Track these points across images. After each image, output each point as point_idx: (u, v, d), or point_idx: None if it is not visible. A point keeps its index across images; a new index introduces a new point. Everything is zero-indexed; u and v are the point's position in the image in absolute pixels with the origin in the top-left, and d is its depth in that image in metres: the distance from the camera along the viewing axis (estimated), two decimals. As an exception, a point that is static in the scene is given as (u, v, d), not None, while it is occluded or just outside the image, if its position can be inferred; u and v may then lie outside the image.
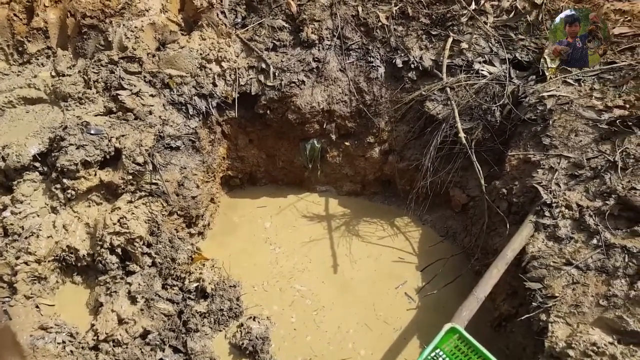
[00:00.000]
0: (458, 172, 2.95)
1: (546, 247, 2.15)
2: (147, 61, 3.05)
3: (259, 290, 2.84)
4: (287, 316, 2.69)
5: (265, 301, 2.78)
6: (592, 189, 2.23)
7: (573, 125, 2.46)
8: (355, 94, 3.06)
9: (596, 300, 1.89)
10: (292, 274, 2.94)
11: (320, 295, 2.80)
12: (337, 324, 2.64)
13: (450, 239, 3.14)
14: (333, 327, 2.62)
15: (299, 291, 2.83)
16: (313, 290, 2.84)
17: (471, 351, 1.70)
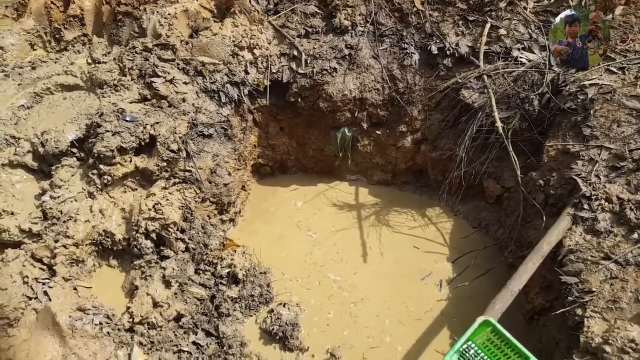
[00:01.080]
0: (493, 162, 2.88)
1: (584, 240, 2.10)
2: (180, 48, 3.08)
3: (289, 278, 2.86)
4: (316, 304, 2.71)
5: (295, 289, 2.81)
6: (634, 182, 2.15)
7: (615, 116, 2.37)
8: (388, 81, 3.02)
9: (635, 296, 1.84)
10: (324, 262, 2.95)
11: (351, 285, 2.81)
12: (368, 313, 2.64)
13: (482, 230, 3.09)
14: (364, 316, 2.63)
15: (332, 280, 2.84)
16: (345, 279, 2.84)
17: (504, 344, 1.68)
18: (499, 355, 1.74)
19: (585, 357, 1.77)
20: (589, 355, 1.77)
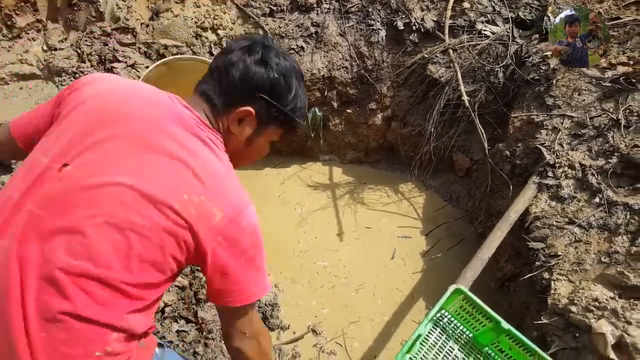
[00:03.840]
0: (461, 136, 2.93)
1: (549, 207, 2.17)
2: (140, 32, 2.98)
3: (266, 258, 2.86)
4: (295, 284, 2.72)
5: (273, 270, 2.81)
6: (595, 148, 2.22)
7: (576, 84, 2.43)
8: (356, 59, 3.01)
9: (598, 258, 1.91)
10: (299, 241, 2.96)
11: (329, 264, 2.82)
12: (346, 290, 2.67)
13: (454, 203, 3.16)
14: (343, 294, 2.66)
15: (310, 261, 2.85)
16: (322, 259, 2.86)
17: (475, 310, 1.73)
18: (471, 321, 1.79)
19: (552, 318, 1.83)
20: (557, 316, 1.83)
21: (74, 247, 0.86)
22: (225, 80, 1.08)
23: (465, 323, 1.84)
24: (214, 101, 1.08)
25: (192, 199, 0.93)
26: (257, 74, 1.07)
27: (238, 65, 1.07)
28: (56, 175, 0.91)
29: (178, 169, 0.95)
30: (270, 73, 1.08)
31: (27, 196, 0.91)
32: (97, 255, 0.87)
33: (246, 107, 1.09)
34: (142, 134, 0.96)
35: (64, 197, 0.90)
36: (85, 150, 0.93)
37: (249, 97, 1.09)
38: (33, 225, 0.88)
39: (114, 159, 0.93)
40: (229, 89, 1.08)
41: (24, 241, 0.87)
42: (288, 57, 1.14)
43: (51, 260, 0.85)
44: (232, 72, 1.07)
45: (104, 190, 0.90)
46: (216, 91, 1.09)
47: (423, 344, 1.78)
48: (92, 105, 1.01)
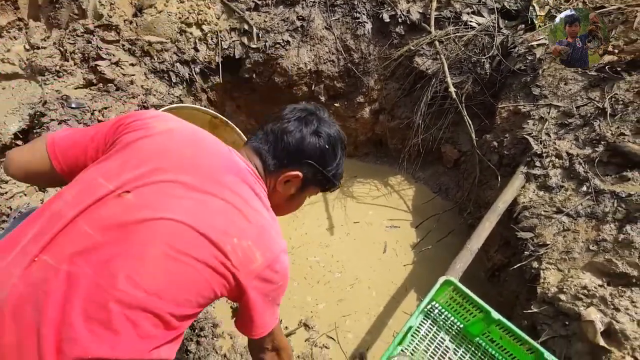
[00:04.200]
0: (449, 127, 2.93)
1: (537, 196, 2.18)
2: (124, 28, 2.94)
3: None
4: (290, 280, 2.71)
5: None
6: (581, 137, 2.23)
7: (562, 74, 2.44)
8: (342, 52, 2.99)
9: (586, 246, 1.92)
10: (290, 237, 2.95)
11: (321, 259, 2.82)
12: (339, 284, 2.67)
13: (443, 194, 3.17)
14: (335, 288, 2.65)
15: (302, 256, 2.84)
16: (313, 254, 2.85)
17: (466, 301, 1.73)
18: (461, 312, 1.80)
19: (542, 307, 1.85)
20: (546, 305, 1.85)
21: (131, 275, 0.89)
22: (280, 145, 1.19)
23: (456, 314, 1.84)
24: (267, 161, 1.20)
25: (241, 243, 1.01)
26: (310, 144, 1.20)
27: (294, 134, 1.19)
28: (116, 201, 0.95)
29: (231, 213, 1.03)
30: (322, 142, 1.21)
31: (83, 216, 0.93)
32: (152, 284, 0.90)
33: (296, 172, 1.21)
34: (202, 180, 1.03)
35: (122, 224, 0.92)
36: (149, 184, 0.99)
37: (299, 162, 1.21)
38: (88, 247, 0.90)
39: (174, 198, 0.98)
40: (283, 153, 1.19)
41: (76, 262, 0.88)
42: (335, 125, 1.29)
43: (105, 287, 0.87)
44: (287, 139, 1.19)
45: (163, 223, 0.94)
46: (270, 152, 1.20)
47: (414, 335, 1.78)
48: (160, 142, 1.07)
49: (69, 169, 1.12)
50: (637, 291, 1.70)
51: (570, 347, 1.69)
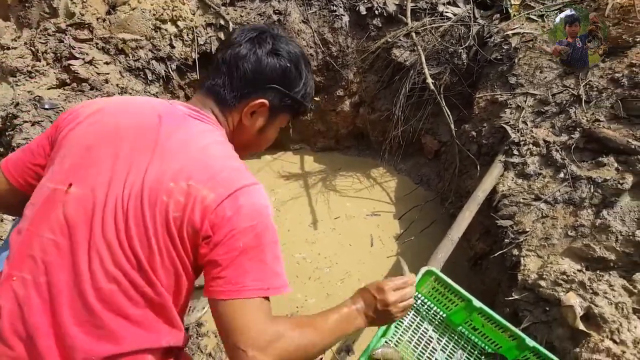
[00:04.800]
0: (429, 119, 2.94)
1: (516, 184, 2.20)
2: (97, 27, 2.88)
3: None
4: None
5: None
6: (558, 124, 2.26)
7: (538, 62, 2.46)
8: (320, 45, 2.98)
9: (565, 232, 1.94)
10: (278, 228, 2.93)
11: (306, 253, 2.80)
12: (328, 278, 2.66)
13: (424, 185, 3.19)
14: (323, 282, 2.65)
15: (287, 252, 2.83)
16: (298, 249, 2.83)
17: (447, 290, 1.74)
18: (443, 301, 1.81)
19: (523, 294, 1.86)
20: (527, 292, 1.86)
21: (96, 270, 0.86)
22: (236, 73, 1.06)
23: (438, 304, 1.85)
24: (224, 96, 1.08)
25: (179, 185, 0.90)
26: (269, 66, 1.07)
27: (249, 58, 1.06)
28: (64, 198, 0.91)
29: (167, 160, 0.93)
30: (282, 62, 1.08)
31: (39, 224, 0.91)
32: (120, 269, 0.87)
33: (260, 100, 1.08)
34: (137, 142, 0.96)
35: (75, 218, 0.89)
36: (87, 167, 0.93)
37: (262, 88, 1.08)
38: (54, 252, 0.88)
39: (115, 173, 0.92)
40: (241, 82, 1.07)
41: (49, 271, 0.87)
42: (295, 42, 1.14)
43: (80, 289, 0.86)
44: (243, 66, 1.06)
45: (108, 204, 0.89)
46: (226, 85, 1.07)
47: (398, 327, 1.79)
48: (91, 123, 1.01)
49: (24, 180, 1.07)
50: (614, 275, 1.73)
51: (551, 332, 1.71)
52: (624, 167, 1.95)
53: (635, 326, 1.52)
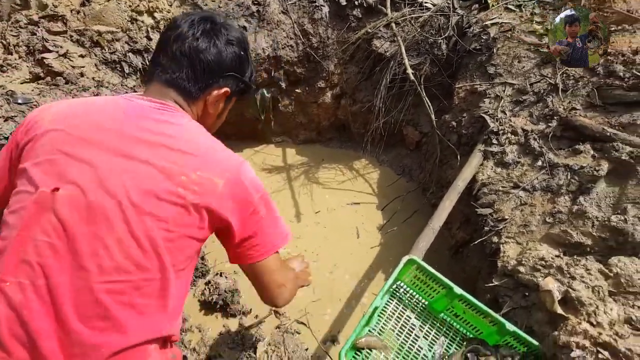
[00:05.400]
0: (409, 109, 2.95)
1: (495, 173, 2.22)
2: (71, 19, 2.81)
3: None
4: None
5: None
6: (535, 113, 2.29)
7: (516, 52, 2.49)
8: (300, 37, 2.96)
9: (543, 218, 1.98)
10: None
11: (288, 246, 2.78)
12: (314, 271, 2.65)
13: (407, 176, 3.20)
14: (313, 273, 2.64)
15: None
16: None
17: (429, 278, 1.76)
18: (425, 289, 1.82)
19: (503, 280, 1.89)
20: (506, 278, 1.89)
21: (104, 263, 0.89)
22: (199, 66, 1.09)
23: (420, 292, 1.87)
24: (189, 89, 1.10)
25: (190, 177, 0.96)
26: (228, 55, 1.12)
27: (211, 50, 1.09)
28: (52, 200, 0.91)
29: (164, 156, 0.97)
30: (237, 50, 1.14)
31: (28, 228, 0.91)
32: (126, 261, 0.90)
33: (224, 89, 1.14)
34: (119, 141, 0.98)
35: (70, 219, 0.90)
36: (67, 169, 0.94)
37: (222, 77, 1.13)
38: (51, 255, 0.89)
39: (102, 172, 0.94)
40: (205, 74, 1.10)
41: (48, 273, 0.88)
42: (235, 24, 1.22)
43: (86, 283, 0.88)
44: (206, 58, 1.09)
45: (107, 201, 0.92)
46: (189, 78, 1.09)
47: (381, 315, 1.80)
48: (58, 130, 1.00)
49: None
50: (591, 259, 1.76)
51: (530, 316, 1.74)
52: (600, 154, 1.99)
53: (611, 308, 1.55)
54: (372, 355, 1.67)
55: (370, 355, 1.66)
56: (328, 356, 2.19)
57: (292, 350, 2.23)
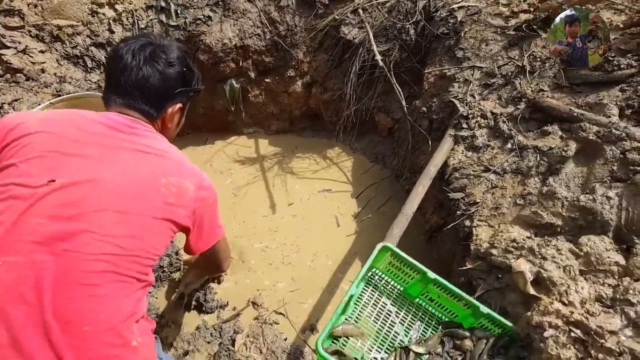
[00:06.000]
0: (380, 96, 2.94)
1: (466, 157, 2.24)
2: (28, 13, 2.70)
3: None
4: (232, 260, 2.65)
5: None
6: (504, 96, 2.30)
7: (483, 35, 2.49)
8: (267, 25, 2.90)
9: (514, 200, 2.00)
10: (235, 217, 2.88)
11: (265, 238, 2.77)
12: (283, 261, 2.65)
13: (380, 163, 3.20)
14: (281, 264, 2.63)
15: (243, 236, 2.78)
16: (257, 233, 2.80)
17: (403, 265, 1.77)
18: (400, 275, 1.84)
19: (476, 263, 1.91)
20: (480, 260, 1.91)
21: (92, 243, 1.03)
22: (148, 92, 1.26)
23: (396, 278, 1.88)
24: (147, 111, 1.29)
25: (169, 180, 1.17)
26: (171, 77, 1.29)
27: (154, 76, 1.25)
28: (48, 190, 1.04)
29: (146, 159, 1.18)
30: (179, 68, 1.31)
31: (29, 213, 1.01)
32: (124, 241, 1.08)
33: (177, 105, 1.36)
34: (104, 147, 1.14)
35: (65, 206, 1.04)
36: (59, 167, 1.08)
37: (172, 95, 1.32)
38: (48, 235, 1.01)
39: (95, 171, 1.10)
40: (155, 98, 1.28)
41: (53, 251, 1.01)
42: (173, 43, 1.36)
43: (82, 259, 1.02)
44: (151, 84, 1.25)
45: (99, 193, 1.07)
46: (144, 103, 1.27)
47: (357, 303, 1.81)
48: (46, 133, 1.13)
49: None
50: (561, 239, 1.79)
51: (504, 298, 1.77)
52: (568, 134, 2.02)
53: (582, 287, 1.59)
54: (349, 343, 1.67)
55: (348, 343, 1.67)
56: (307, 345, 2.19)
57: (271, 341, 2.22)
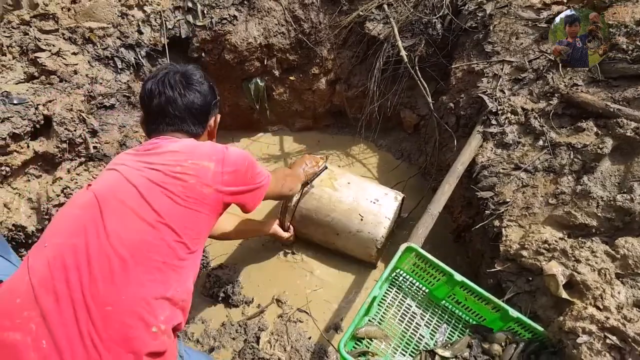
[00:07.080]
0: (405, 92, 2.89)
1: (495, 155, 2.17)
2: (62, 16, 2.78)
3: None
4: (255, 258, 2.67)
5: (230, 249, 2.74)
6: (535, 91, 2.22)
7: (513, 28, 2.41)
8: (292, 23, 2.89)
9: (546, 200, 1.92)
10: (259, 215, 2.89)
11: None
12: (308, 259, 2.64)
13: (406, 160, 3.15)
14: (305, 263, 2.63)
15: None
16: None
17: (428, 266, 1.74)
18: (425, 277, 1.80)
19: (506, 264, 1.85)
20: (509, 262, 1.85)
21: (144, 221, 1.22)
22: (192, 114, 1.46)
23: (420, 279, 1.85)
24: (194, 131, 1.49)
25: (184, 165, 1.28)
26: (205, 91, 1.50)
27: (194, 99, 1.46)
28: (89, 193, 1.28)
29: (164, 159, 1.33)
30: (207, 85, 1.52)
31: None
32: (172, 219, 1.24)
33: (214, 117, 1.59)
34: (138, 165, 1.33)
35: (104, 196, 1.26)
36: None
37: (209, 111, 1.53)
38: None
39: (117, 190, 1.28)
40: (198, 117, 1.48)
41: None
42: (190, 65, 1.56)
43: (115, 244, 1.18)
44: (197, 105, 1.46)
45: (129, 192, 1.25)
46: (190, 125, 1.47)
47: (381, 304, 1.79)
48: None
49: None
50: (596, 241, 1.71)
51: (535, 301, 1.70)
52: (604, 131, 1.93)
53: (618, 292, 1.51)
54: (372, 345, 1.65)
55: (371, 345, 1.65)
56: (331, 344, 2.18)
57: (295, 339, 2.23)
